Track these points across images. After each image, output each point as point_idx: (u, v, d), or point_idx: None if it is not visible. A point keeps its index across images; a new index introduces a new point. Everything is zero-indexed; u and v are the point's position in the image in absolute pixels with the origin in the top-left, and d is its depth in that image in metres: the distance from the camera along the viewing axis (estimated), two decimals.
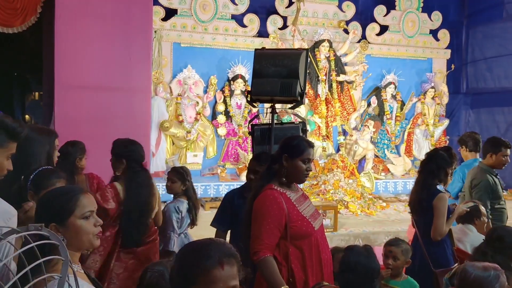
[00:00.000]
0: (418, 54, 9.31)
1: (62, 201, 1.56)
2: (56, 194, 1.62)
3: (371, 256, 2.41)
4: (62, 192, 1.64)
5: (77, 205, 1.56)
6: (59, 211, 1.54)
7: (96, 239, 1.60)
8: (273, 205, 2.47)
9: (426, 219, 3.46)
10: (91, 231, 1.58)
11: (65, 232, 1.52)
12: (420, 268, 3.42)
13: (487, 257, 2.68)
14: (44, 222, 1.47)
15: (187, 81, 7.64)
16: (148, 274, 2.03)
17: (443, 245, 3.47)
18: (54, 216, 1.53)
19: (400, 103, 9.07)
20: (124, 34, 4.43)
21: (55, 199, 1.58)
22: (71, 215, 1.55)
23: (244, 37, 8.17)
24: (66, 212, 1.54)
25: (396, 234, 5.26)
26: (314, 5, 8.57)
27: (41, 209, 1.59)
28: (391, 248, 3.11)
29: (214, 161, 7.97)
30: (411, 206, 3.67)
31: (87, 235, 1.57)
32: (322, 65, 8.38)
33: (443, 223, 3.41)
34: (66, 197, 1.57)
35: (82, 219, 1.56)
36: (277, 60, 3.68)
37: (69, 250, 1.50)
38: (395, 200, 7.99)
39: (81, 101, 4.37)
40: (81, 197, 1.59)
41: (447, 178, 3.64)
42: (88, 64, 4.35)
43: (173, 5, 7.78)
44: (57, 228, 1.52)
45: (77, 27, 4.26)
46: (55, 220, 1.52)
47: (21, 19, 4.41)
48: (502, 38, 9.11)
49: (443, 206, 3.43)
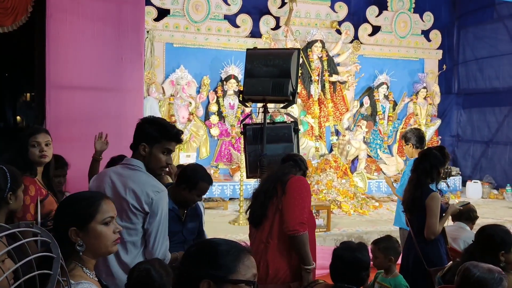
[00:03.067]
0: (410, 55, 9.37)
1: (84, 205, 1.55)
2: (78, 198, 1.60)
3: (361, 249, 2.41)
4: (84, 196, 1.61)
5: (99, 210, 1.55)
6: (80, 215, 1.53)
7: (113, 246, 1.59)
8: (308, 189, 2.83)
9: (420, 218, 3.47)
10: (110, 238, 1.57)
11: (84, 236, 1.51)
12: (414, 267, 3.44)
13: (475, 258, 2.68)
14: (64, 226, 1.47)
15: (179, 82, 7.63)
16: (135, 273, 2.03)
17: (437, 244, 3.48)
18: (74, 220, 1.51)
19: (393, 103, 9.12)
20: (116, 34, 4.41)
21: (77, 203, 1.56)
22: (92, 220, 1.53)
23: (237, 37, 8.18)
24: (87, 217, 1.53)
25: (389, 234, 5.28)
26: (306, 6, 8.59)
27: (62, 213, 1.58)
28: (371, 246, 3.15)
29: (207, 162, 7.95)
30: (405, 205, 3.67)
31: (105, 241, 1.56)
32: (314, 65, 8.40)
33: (436, 222, 3.42)
34: (87, 202, 1.56)
35: (102, 224, 1.55)
36: (268, 60, 3.68)
37: (86, 256, 1.51)
38: (387, 199, 8.02)
39: (73, 101, 4.34)
40: (103, 203, 1.58)
41: (440, 177, 3.67)
42: (80, 64, 4.32)
43: (165, 5, 7.77)
44: (77, 232, 1.51)
45: (68, 27, 4.24)
46: (75, 224, 1.51)
47: (11, 18, 4.38)
48: (493, 39, 9.19)
49: (436, 205, 3.44)
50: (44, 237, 0.96)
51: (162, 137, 2.36)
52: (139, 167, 2.36)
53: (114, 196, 2.29)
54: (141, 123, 2.42)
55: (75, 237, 1.50)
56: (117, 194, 2.31)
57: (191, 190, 2.79)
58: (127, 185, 2.31)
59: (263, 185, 2.89)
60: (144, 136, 2.36)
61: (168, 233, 2.62)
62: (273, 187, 2.81)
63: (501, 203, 8.16)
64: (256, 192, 2.91)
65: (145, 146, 2.35)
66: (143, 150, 2.36)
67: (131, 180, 2.33)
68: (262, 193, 2.83)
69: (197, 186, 2.80)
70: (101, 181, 2.41)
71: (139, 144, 2.37)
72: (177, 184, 2.87)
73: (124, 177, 2.35)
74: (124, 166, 2.42)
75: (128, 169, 2.38)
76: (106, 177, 2.41)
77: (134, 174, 2.35)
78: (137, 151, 2.39)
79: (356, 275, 2.36)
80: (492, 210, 7.43)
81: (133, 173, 2.35)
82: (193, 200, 2.86)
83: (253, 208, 2.89)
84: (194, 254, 1.28)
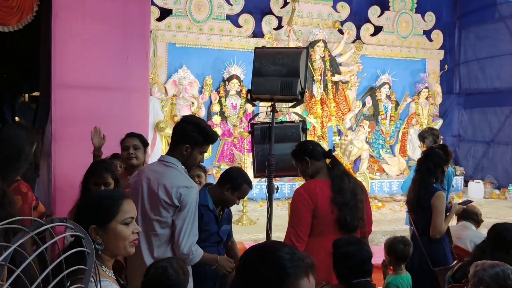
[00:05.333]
0: (412, 55, 9.38)
1: (105, 204, 1.54)
2: (100, 197, 1.60)
3: (360, 244, 2.36)
4: (106, 195, 1.61)
5: (120, 210, 1.54)
6: (101, 214, 1.52)
7: (131, 247, 1.57)
8: None
9: (425, 218, 3.46)
10: (129, 238, 1.56)
11: (103, 235, 1.51)
12: (418, 267, 3.42)
13: (486, 255, 2.69)
14: (84, 223, 1.46)
15: (182, 82, 7.62)
16: (152, 270, 2.03)
17: (442, 243, 3.48)
18: (95, 219, 1.51)
19: (395, 103, 9.12)
20: (121, 33, 4.39)
21: (98, 202, 1.56)
22: (112, 219, 1.52)
23: (239, 37, 8.17)
24: (108, 215, 1.52)
25: (392, 233, 5.28)
26: (308, 6, 8.59)
27: (83, 210, 1.57)
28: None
29: (209, 162, 7.93)
30: (409, 205, 3.65)
31: (124, 241, 1.54)
32: (317, 65, 8.40)
33: (442, 221, 3.42)
34: (109, 201, 1.55)
35: (122, 224, 1.54)
36: (277, 59, 3.64)
37: (104, 256, 1.51)
38: (390, 200, 8.02)
39: (78, 101, 4.31)
40: (124, 202, 1.57)
41: (444, 176, 3.67)
42: (85, 64, 4.29)
43: (168, 5, 7.76)
44: (97, 230, 1.50)
45: (74, 26, 4.21)
46: (95, 222, 1.50)
47: (17, 17, 4.36)
48: (494, 39, 9.21)
49: (442, 204, 3.43)
50: (78, 232, 0.95)
51: (205, 142, 2.54)
52: (174, 165, 2.50)
53: (148, 191, 2.47)
54: (185, 125, 2.56)
55: (94, 235, 1.49)
56: (151, 189, 2.46)
57: (234, 191, 2.90)
58: (160, 181, 2.45)
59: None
60: (189, 139, 2.50)
61: (207, 233, 2.76)
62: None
63: (504, 203, 8.17)
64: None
65: (187, 148, 2.50)
66: (185, 151, 2.50)
67: (164, 176, 2.47)
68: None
69: (241, 188, 2.90)
70: (139, 177, 2.57)
71: (181, 145, 2.51)
72: (220, 184, 2.95)
73: (159, 174, 2.49)
74: (160, 163, 2.57)
75: (163, 165, 2.52)
76: (143, 173, 2.56)
77: (167, 171, 2.49)
78: (177, 150, 2.52)
79: (348, 269, 2.28)
80: (495, 210, 7.43)
81: (167, 170, 2.49)
82: (234, 202, 2.96)
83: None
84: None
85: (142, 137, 3.32)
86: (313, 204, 2.73)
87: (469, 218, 3.99)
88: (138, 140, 3.22)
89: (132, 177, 2.71)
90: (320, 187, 2.78)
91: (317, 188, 2.77)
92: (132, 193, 2.52)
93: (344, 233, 2.69)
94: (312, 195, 2.74)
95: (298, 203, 2.76)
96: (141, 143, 3.25)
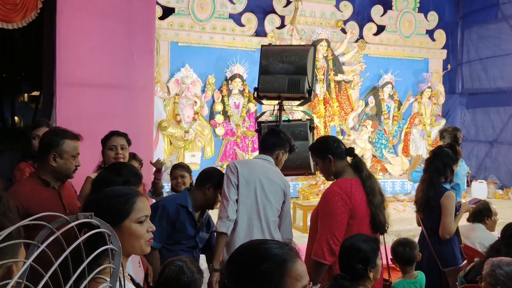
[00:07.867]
0: (415, 54, 9.35)
1: (119, 202, 1.49)
2: (113, 195, 1.54)
3: (362, 240, 2.31)
4: (119, 193, 1.55)
5: (134, 208, 1.49)
6: (114, 212, 1.47)
7: (147, 246, 1.53)
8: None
9: (434, 218, 3.41)
10: (144, 237, 1.51)
11: (117, 235, 1.46)
12: (427, 267, 3.39)
13: (501, 254, 2.66)
14: None
15: (184, 81, 7.58)
16: (167, 269, 2.01)
17: (451, 244, 3.43)
18: (108, 217, 1.43)
19: (398, 103, 9.09)
20: (126, 31, 4.35)
21: (112, 200, 1.50)
22: (126, 218, 1.48)
23: (242, 36, 8.13)
24: (122, 214, 1.48)
25: (396, 234, 5.26)
26: (311, 5, 8.55)
27: (96, 209, 1.52)
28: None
29: (212, 161, 7.89)
30: (418, 205, 3.59)
31: (139, 240, 1.50)
32: (320, 64, 8.36)
33: (452, 221, 3.36)
34: (123, 199, 1.50)
35: (137, 223, 1.50)
36: (284, 56, 3.63)
37: None
38: (393, 200, 7.98)
39: (83, 98, 4.27)
40: (138, 200, 1.52)
41: (453, 175, 3.62)
42: (90, 61, 4.26)
43: (170, 3, 7.72)
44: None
45: (78, 24, 4.17)
46: (109, 221, 1.46)
47: (21, 14, 4.31)
48: (497, 38, 9.18)
49: (451, 204, 3.38)
50: (104, 229, 0.91)
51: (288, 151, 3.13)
52: (273, 164, 3.01)
53: (268, 181, 2.92)
54: (275, 135, 3.09)
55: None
56: (271, 180, 2.94)
57: (215, 189, 2.90)
58: (277, 174, 2.96)
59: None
60: (281, 144, 3.04)
61: (182, 235, 2.76)
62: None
63: (507, 203, 8.13)
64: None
65: (282, 153, 3.05)
66: (281, 155, 3.05)
67: (273, 171, 2.97)
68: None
69: (222, 184, 2.89)
70: (252, 168, 2.94)
71: (277, 151, 3.03)
72: (200, 185, 2.93)
73: (271, 168, 2.97)
74: (262, 160, 3.01)
75: (267, 162, 2.99)
76: (256, 165, 2.98)
77: (273, 167, 3.00)
78: (273, 154, 3.03)
79: (351, 264, 2.23)
80: (498, 210, 7.24)
81: (272, 166, 3.00)
82: (216, 201, 2.95)
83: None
84: None
85: (128, 137, 3.27)
86: (351, 203, 2.60)
87: (479, 219, 3.95)
88: (125, 140, 3.19)
89: (241, 167, 2.93)
90: (355, 186, 2.66)
91: (353, 188, 2.64)
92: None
93: (375, 234, 2.63)
94: (350, 194, 2.61)
95: (335, 203, 2.60)
96: (127, 143, 3.21)
